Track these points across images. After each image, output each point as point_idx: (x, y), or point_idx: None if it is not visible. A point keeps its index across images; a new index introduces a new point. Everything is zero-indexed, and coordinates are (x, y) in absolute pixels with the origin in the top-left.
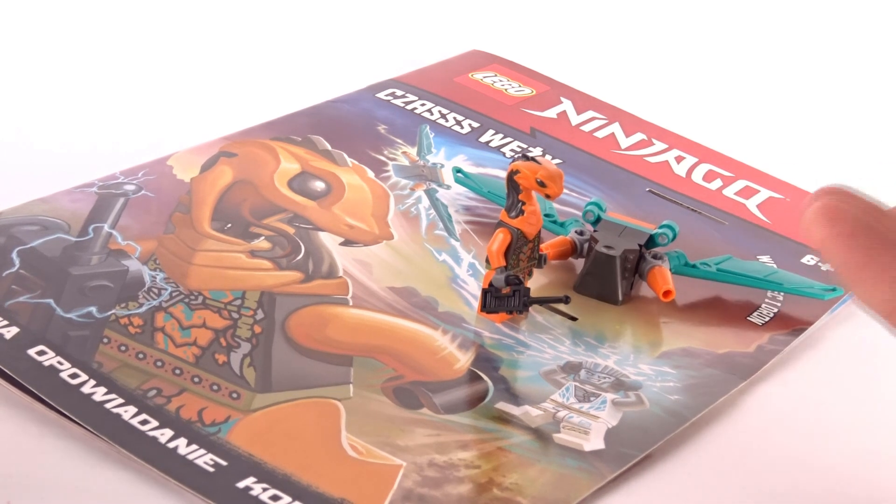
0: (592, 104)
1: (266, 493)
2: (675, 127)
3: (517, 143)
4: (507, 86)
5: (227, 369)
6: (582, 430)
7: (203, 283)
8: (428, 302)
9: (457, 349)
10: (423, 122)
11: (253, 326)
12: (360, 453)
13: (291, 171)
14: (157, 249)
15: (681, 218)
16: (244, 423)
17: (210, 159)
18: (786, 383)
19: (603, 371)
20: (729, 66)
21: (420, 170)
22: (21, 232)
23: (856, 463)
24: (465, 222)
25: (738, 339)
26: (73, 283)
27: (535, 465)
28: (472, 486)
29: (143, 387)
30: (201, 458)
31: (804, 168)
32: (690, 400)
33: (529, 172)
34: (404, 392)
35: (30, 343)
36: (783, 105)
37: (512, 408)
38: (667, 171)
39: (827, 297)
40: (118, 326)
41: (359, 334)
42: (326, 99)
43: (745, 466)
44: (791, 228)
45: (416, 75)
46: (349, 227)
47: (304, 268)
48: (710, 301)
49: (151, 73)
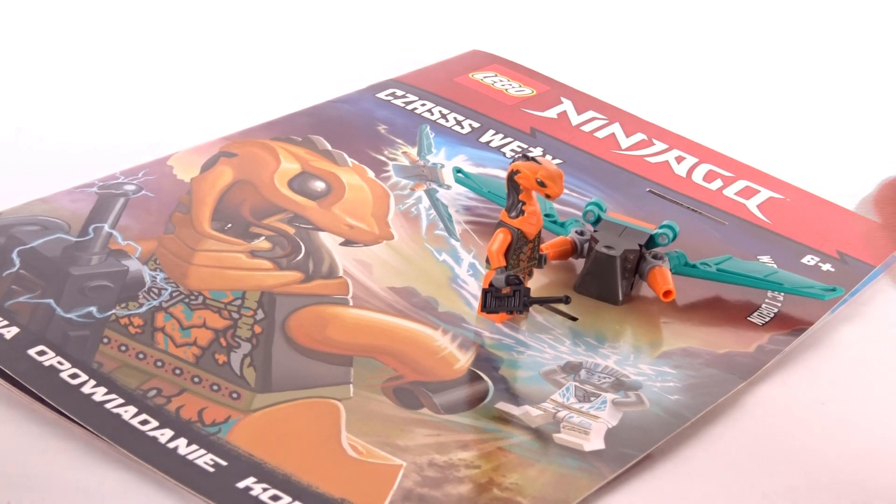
0: (592, 104)
1: (266, 493)
2: (675, 127)
3: (517, 143)
4: (507, 86)
5: (228, 369)
6: (582, 430)
7: (203, 283)
8: (428, 302)
9: (457, 349)
10: (423, 123)
11: (253, 326)
12: (360, 453)
13: (291, 171)
14: (158, 249)
15: (681, 218)
16: (244, 423)
17: (210, 159)
18: (786, 383)
19: (603, 371)
20: (729, 67)
21: (420, 170)
22: (21, 232)
23: (856, 463)
24: (466, 222)
25: (738, 340)
26: (73, 283)
27: (535, 465)
28: (472, 486)
29: (144, 387)
30: (201, 459)
31: (804, 168)
32: (690, 400)
33: (530, 172)
34: (404, 392)
35: (30, 343)
36: (783, 105)
37: (512, 408)
38: (667, 171)
39: (827, 297)
40: (118, 326)
41: (359, 334)
42: (326, 99)
43: (745, 466)
44: (791, 228)
45: (417, 75)
46: (349, 227)
47: (305, 268)
48: (710, 301)
49: (152, 73)
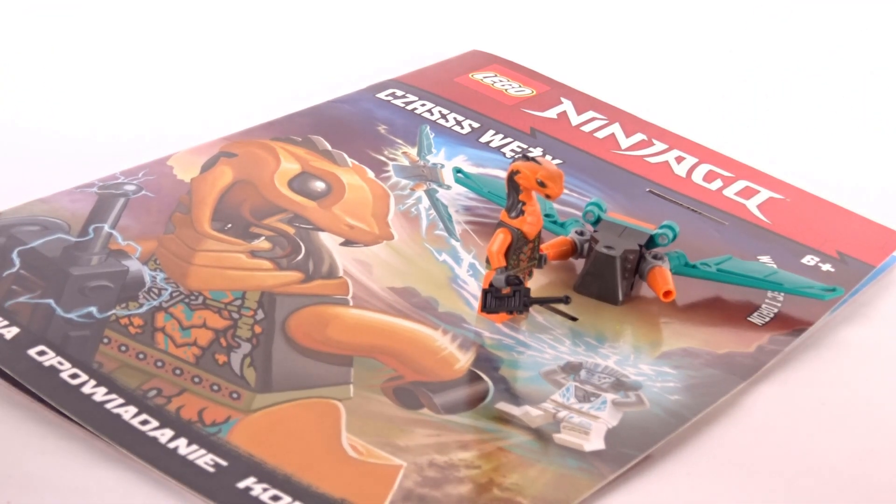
0: (592, 104)
1: (266, 493)
2: (675, 127)
3: (517, 143)
4: (507, 86)
5: (228, 369)
6: (582, 431)
7: (203, 283)
8: (428, 302)
9: (457, 349)
10: (423, 123)
11: (253, 326)
12: (360, 453)
13: (291, 172)
14: (158, 249)
15: (681, 218)
16: (244, 424)
17: (210, 159)
18: (786, 383)
19: (603, 371)
20: (729, 67)
21: (420, 170)
22: (21, 232)
23: (856, 463)
24: (466, 222)
25: (739, 340)
26: (73, 283)
27: (535, 465)
28: (472, 486)
29: (144, 387)
30: (201, 459)
31: (804, 168)
32: (690, 400)
33: (529, 173)
34: (404, 392)
35: (30, 343)
36: (783, 105)
37: (512, 408)
38: (667, 171)
39: (827, 298)
40: (118, 327)
41: (359, 334)
42: (326, 99)
43: (745, 466)
44: (791, 228)
45: (416, 75)
46: (349, 227)
47: (305, 268)
48: (710, 301)
49: (152, 73)
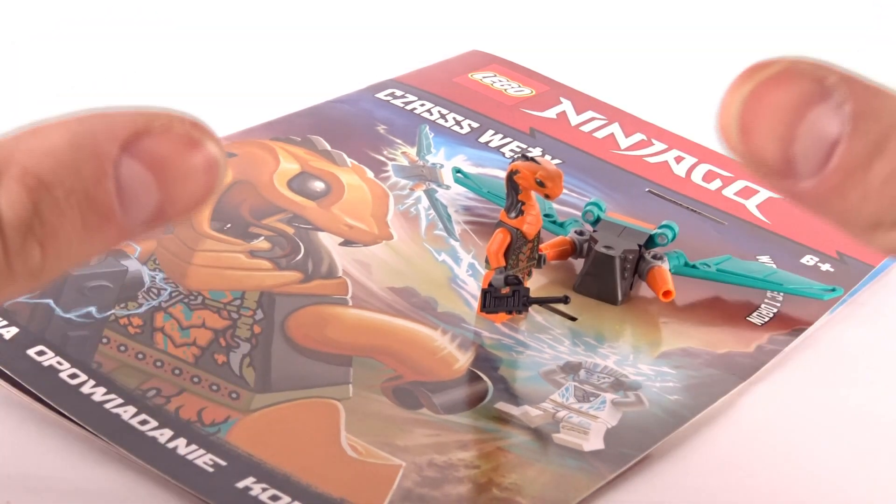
0: (592, 104)
1: (265, 493)
2: (674, 127)
3: (517, 143)
4: (506, 86)
5: (227, 369)
6: (581, 431)
7: (202, 283)
8: (427, 302)
9: (456, 349)
10: (422, 123)
11: (252, 326)
12: (359, 453)
13: (291, 172)
14: (157, 249)
15: (680, 218)
16: (244, 423)
17: None
18: (786, 383)
19: (602, 371)
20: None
21: (420, 170)
22: None
23: (855, 463)
24: (465, 222)
25: (738, 340)
26: (72, 283)
27: (534, 465)
28: (471, 486)
29: (143, 387)
30: (201, 458)
31: None
32: (690, 400)
33: (529, 172)
34: (404, 392)
35: (29, 343)
36: None
37: (511, 408)
38: (666, 171)
39: (827, 298)
40: (117, 326)
41: (358, 334)
42: (326, 99)
43: (745, 466)
44: (791, 229)
45: (416, 75)
46: (349, 227)
47: (304, 268)
48: (709, 301)
49: (151, 73)
